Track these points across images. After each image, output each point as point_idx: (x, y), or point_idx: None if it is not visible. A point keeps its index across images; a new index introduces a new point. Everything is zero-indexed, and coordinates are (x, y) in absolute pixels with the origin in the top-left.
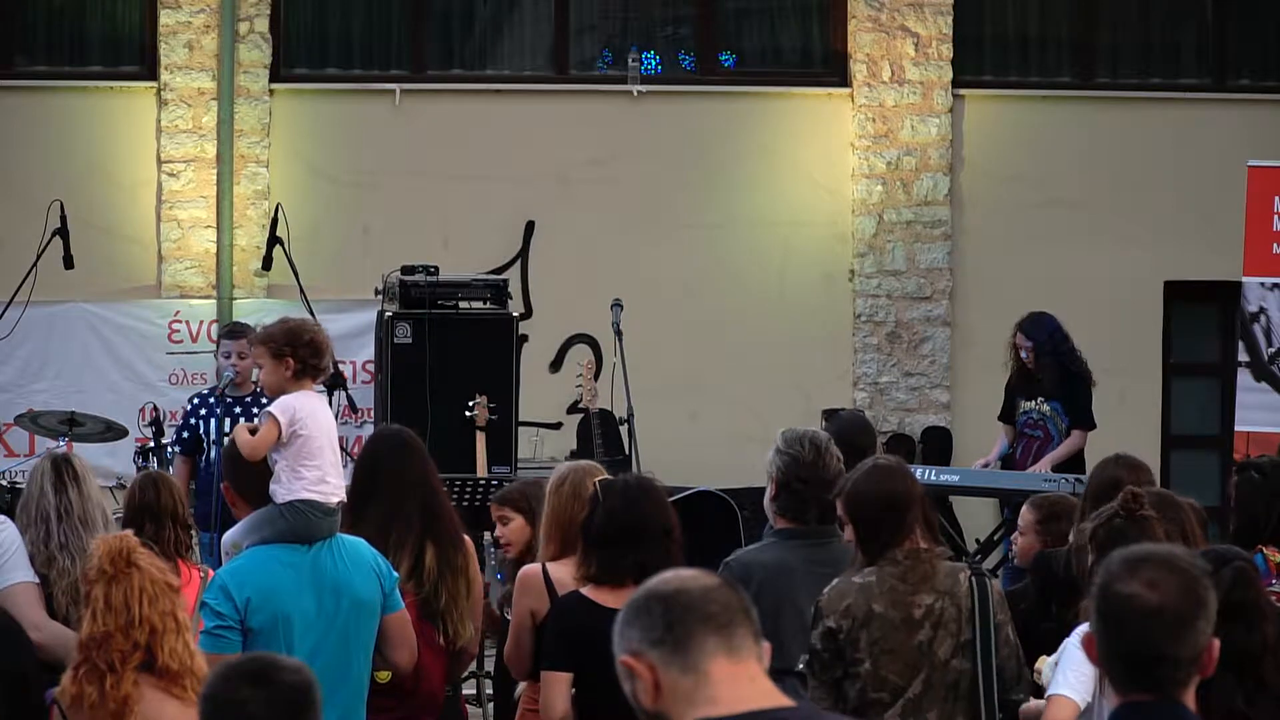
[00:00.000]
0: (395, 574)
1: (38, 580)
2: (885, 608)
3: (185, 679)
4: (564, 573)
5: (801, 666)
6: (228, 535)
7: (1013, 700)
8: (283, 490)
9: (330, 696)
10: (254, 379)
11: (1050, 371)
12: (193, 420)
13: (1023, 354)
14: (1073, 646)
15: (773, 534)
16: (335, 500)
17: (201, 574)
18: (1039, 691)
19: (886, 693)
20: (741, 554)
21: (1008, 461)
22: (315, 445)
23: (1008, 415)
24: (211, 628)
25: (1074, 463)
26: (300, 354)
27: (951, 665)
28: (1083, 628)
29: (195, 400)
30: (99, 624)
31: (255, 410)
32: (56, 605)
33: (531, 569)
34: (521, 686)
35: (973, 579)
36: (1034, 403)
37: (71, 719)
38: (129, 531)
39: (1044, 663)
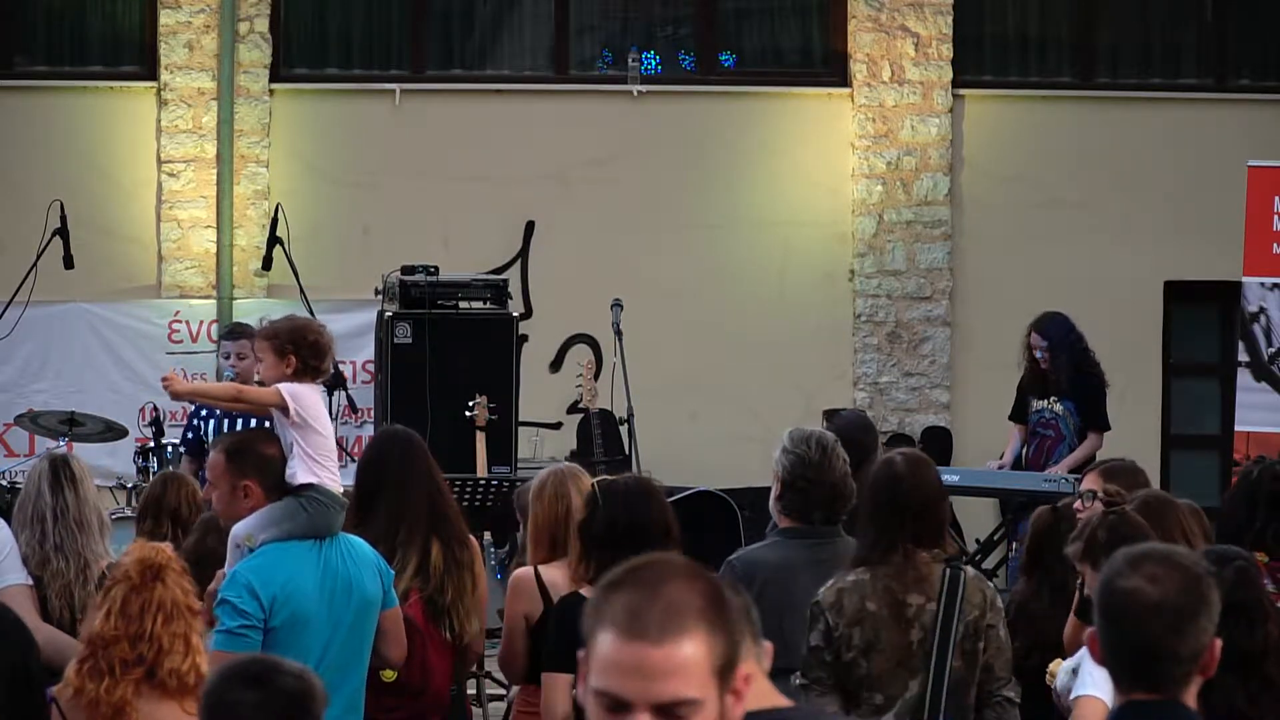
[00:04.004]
0: (392, 571)
1: (31, 583)
2: (878, 606)
3: (188, 699)
4: (556, 575)
5: (796, 680)
6: (239, 527)
7: (1004, 699)
8: (305, 473)
9: (334, 692)
10: (256, 378)
11: (1064, 371)
12: (195, 422)
13: (1037, 354)
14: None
15: (776, 533)
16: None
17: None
18: (1038, 692)
19: (880, 693)
20: (745, 553)
21: (1018, 460)
22: (329, 444)
23: (1019, 414)
24: (235, 627)
25: (1084, 465)
26: (302, 354)
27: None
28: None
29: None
30: (110, 625)
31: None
32: (51, 608)
33: (524, 572)
34: (515, 689)
35: (946, 571)
36: (1046, 402)
37: (70, 715)
38: (168, 545)
39: (1058, 665)
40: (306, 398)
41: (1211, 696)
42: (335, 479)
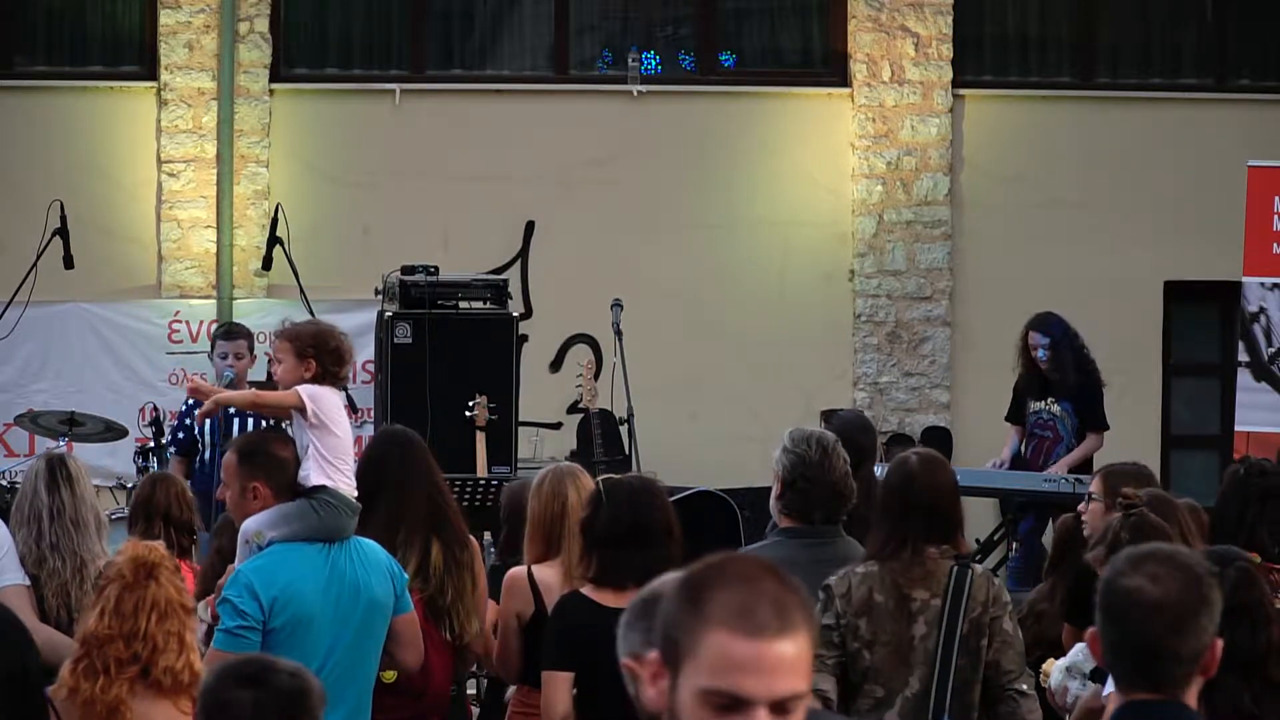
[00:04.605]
0: (406, 575)
1: (29, 583)
2: (885, 598)
3: (182, 697)
4: (549, 574)
5: None
6: (249, 522)
7: (1016, 691)
8: (319, 475)
9: (339, 696)
10: (258, 377)
11: (1066, 369)
12: (187, 421)
13: (1039, 353)
14: None
15: (777, 533)
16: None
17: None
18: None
19: (881, 686)
20: (745, 552)
21: (1017, 461)
22: (345, 446)
23: (1016, 415)
24: (233, 627)
25: (1082, 464)
26: (322, 360)
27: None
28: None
29: (192, 400)
30: (104, 624)
31: (250, 412)
32: (48, 607)
33: (517, 571)
34: (512, 689)
35: (954, 568)
36: (1044, 403)
37: (65, 715)
38: (160, 544)
39: (1051, 665)
40: (325, 400)
41: (1215, 698)
42: (350, 482)
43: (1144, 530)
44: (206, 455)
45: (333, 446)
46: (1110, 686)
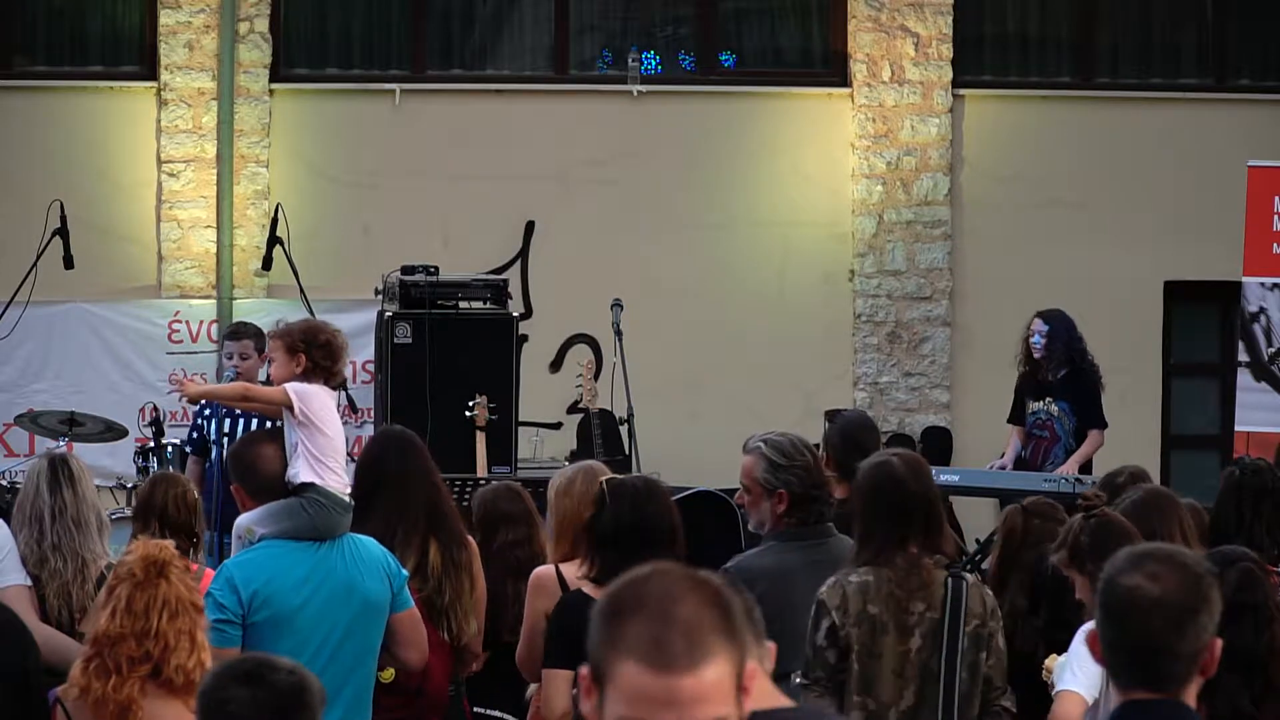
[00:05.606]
0: (405, 573)
1: (30, 583)
2: (880, 610)
3: (193, 696)
4: (576, 573)
5: (797, 679)
6: (241, 519)
7: (1003, 708)
8: (307, 473)
9: (334, 696)
10: (262, 378)
11: (1058, 362)
12: (199, 420)
13: (1035, 338)
14: (1079, 643)
15: (772, 537)
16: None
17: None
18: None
19: (872, 699)
20: (741, 560)
21: (1019, 464)
22: (336, 445)
23: (1017, 417)
24: (213, 620)
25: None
26: (314, 354)
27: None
28: (1089, 625)
29: (201, 401)
30: (116, 623)
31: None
32: (49, 607)
33: (545, 570)
34: (532, 688)
35: (949, 580)
36: (1042, 403)
37: (75, 716)
38: (170, 542)
39: (1054, 661)
40: (314, 397)
41: (1215, 698)
42: (340, 480)
43: (1103, 533)
44: (214, 455)
45: (322, 445)
46: (1066, 683)
